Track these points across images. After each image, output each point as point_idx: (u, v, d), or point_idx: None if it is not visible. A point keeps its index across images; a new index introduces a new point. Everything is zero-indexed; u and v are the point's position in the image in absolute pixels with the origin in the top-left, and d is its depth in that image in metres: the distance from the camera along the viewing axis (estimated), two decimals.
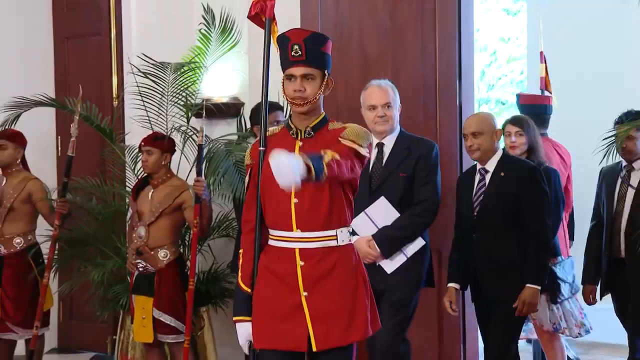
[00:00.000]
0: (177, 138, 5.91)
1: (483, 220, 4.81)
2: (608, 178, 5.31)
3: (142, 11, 6.74)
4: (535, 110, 6.72)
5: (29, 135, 6.30)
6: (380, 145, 4.92)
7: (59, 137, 7.71)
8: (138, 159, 5.94)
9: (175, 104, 6.12)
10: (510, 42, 12.76)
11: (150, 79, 6.05)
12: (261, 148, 3.64)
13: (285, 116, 5.16)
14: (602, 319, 6.64)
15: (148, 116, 6.08)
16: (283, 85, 3.69)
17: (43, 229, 6.17)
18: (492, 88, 12.84)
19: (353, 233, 4.31)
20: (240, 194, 5.21)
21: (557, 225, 5.39)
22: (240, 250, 3.76)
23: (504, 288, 4.75)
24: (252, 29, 6.15)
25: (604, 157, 4.90)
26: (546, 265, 4.88)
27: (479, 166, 4.89)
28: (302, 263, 3.60)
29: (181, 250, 5.64)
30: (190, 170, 5.96)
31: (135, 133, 6.33)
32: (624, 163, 5.20)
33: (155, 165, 5.42)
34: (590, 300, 5.38)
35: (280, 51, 3.68)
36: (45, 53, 7.86)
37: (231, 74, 6.12)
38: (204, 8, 6.06)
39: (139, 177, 5.87)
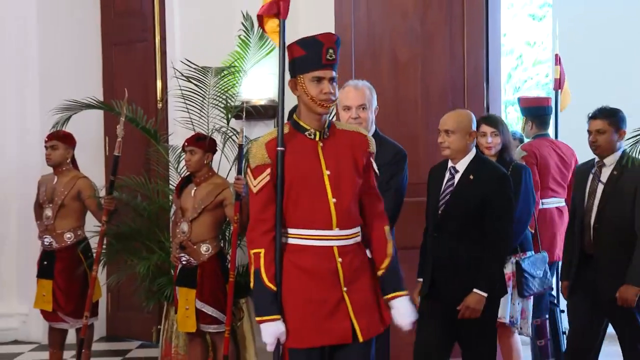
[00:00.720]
0: (217, 138, 5.88)
1: (445, 220, 4.57)
2: (580, 175, 5.13)
3: (184, 19, 6.72)
4: (535, 112, 6.74)
5: (79, 136, 6.31)
6: None
7: (107, 137, 7.74)
8: (181, 159, 5.94)
9: (216, 106, 6.11)
10: (535, 46, 12.70)
11: (193, 83, 6.05)
12: (280, 148, 3.53)
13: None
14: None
15: (190, 118, 6.06)
16: (304, 86, 3.56)
17: (92, 225, 6.17)
18: (518, 90, 12.76)
19: None
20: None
21: (526, 223, 5.27)
22: (256, 250, 3.54)
23: (459, 291, 4.51)
24: (289, 35, 6.16)
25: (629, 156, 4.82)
26: (497, 274, 4.63)
27: (450, 164, 4.65)
28: (341, 260, 3.54)
29: (222, 244, 5.61)
30: (230, 169, 5.96)
31: (178, 134, 6.32)
32: (597, 159, 5.01)
33: (197, 164, 5.43)
34: (566, 295, 5.16)
35: (306, 53, 3.56)
36: (94, 59, 7.89)
37: (268, 77, 6.11)
38: (243, 15, 6.05)
39: (182, 176, 5.85)
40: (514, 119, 12.14)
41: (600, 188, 4.88)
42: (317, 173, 3.55)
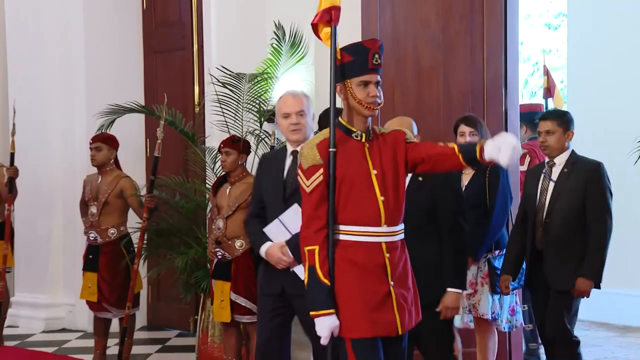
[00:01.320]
0: (251, 140, 5.88)
1: (408, 220, 4.13)
2: (531, 176, 4.99)
3: (220, 28, 6.72)
4: (529, 118, 6.89)
5: (121, 138, 6.35)
6: (295, 153, 4.38)
7: (147, 139, 7.79)
8: (217, 159, 5.95)
9: (250, 110, 6.12)
10: (551, 54, 12.65)
11: (228, 88, 6.07)
12: (332, 149, 3.47)
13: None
14: (636, 303, 6.53)
15: (226, 121, 6.08)
16: (351, 90, 3.51)
17: (134, 222, 6.21)
18: (535, 95, 12.72)
19: (266, 240, 4.36)
20: None
21: (503, 222, 5.16)
22: (311, 248, 3.46)
23: (429, 291, 4.19)
24: (318, 42, 6.17)
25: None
26: (465, 269, 4.49)
27: None
28: (388, 255, 3.50)
29: None
30: None
31: (214, 136, 6.34)
32: (547, 159, 4.89)
33: (232, 164, 5.44)
34: (503, 290, 4.95)
35: (353, 58, 3.51)
36: (137, 66, 7.98)
37: (299, 83, 6.11)
38: (275, 25, 6.05)
39: (218, 175, 5.88)
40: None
41: (551, 186, 4.80)
42: (365, 173, 3.50)
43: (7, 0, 8.21)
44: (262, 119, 6.12)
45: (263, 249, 4.37)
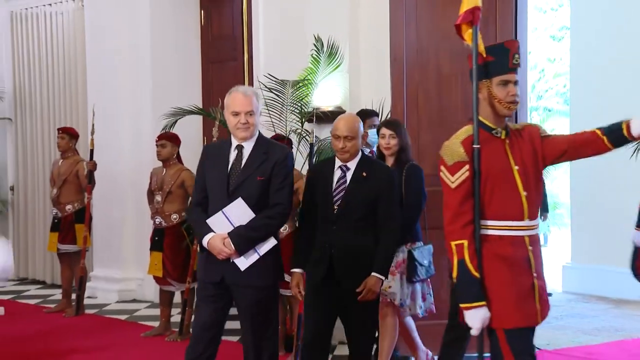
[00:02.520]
0: (293, 138, 5.84)
1: (344, 214, 3.93)
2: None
3: (267, 41, 6.67)
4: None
5: (183, 136, 6.37)
6: (239, 148, 3.97)
7: (205, 137, 7.74)
8: None
9: (293, 112, 6.07)
10: (555, 62, 12.55)
11: (274, 93, 6.03)
12: (476, 146, 3.14)
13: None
14: (630, 279, 6.40)
15: (272, 121, 6.03)
16: (491, 89, 3.21)
17: None
18: (541, 98, 12.66)
19: (208, 230, 3.89)
20: None
21: (417, 216, 4.83)
22: (459, 242, 3.13)
23: (359, 278, 3.95)
24: (352, 53, 6.11)
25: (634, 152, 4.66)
26: (392, 259, 4.20)
27: (339, 163, 4.05)
28: (531, 248, 3.19)
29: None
30: (304, 163, 5.90)
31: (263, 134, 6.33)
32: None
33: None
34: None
35: (494, 59, 3.21)
36: (195, 74, 7.98)
37: (335, 88, 6.05)
38: (315, 37, 5.99)
39: None
40: (537, 121, 11.99)
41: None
42: (508, 169, 3.17)
43: (87, 22, 8.25)
44: (303, 120, 6.05)
45: (206, 239, 3.91)
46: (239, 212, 3.84)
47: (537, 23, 12.09)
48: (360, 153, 4.12)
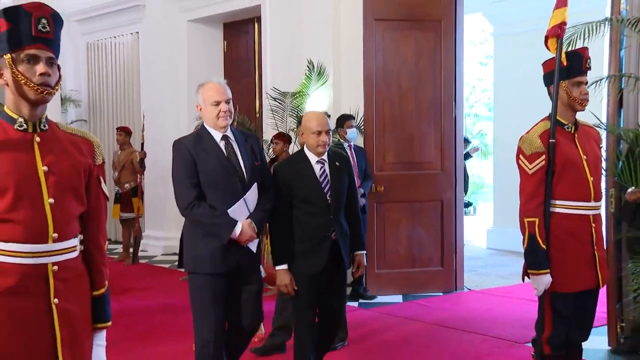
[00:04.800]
0: (292, 135, 5.74)
1: (336, 202, 3.12)
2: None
3: (273, 63, 6.55)
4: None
5: None
6: (226, 138, 2.95)
7: None
8: (270, 147, 5.86)
9: (291, 116, 5.96)
10: (482, 81, 12.61)
11: (277, 101, 5.93)
12: (552, 140, 2.80)
13: None
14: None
15: (276, 123, 5.94)
16: (567, 89, 2.84)
17: None
18: (472, 107, 12.67)
19: (233, 220, 2.87)
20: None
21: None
22: (531, 219, 2.79)
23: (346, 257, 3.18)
24: (335, 71, 6.03)
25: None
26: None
27: (315, 157, 3.13)
28: (594, 225, 2.86)
29: None
30: None
31: (269, 133, 6.14)
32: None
33: (280, 151, 5.31)
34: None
35: (569, 63, 2.84)
36: None
37: (323, 98, 5.96)
38: (308, 61, 5.88)
39: (271, 158, 5.77)
40: (468, 124, 12.02)
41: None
42: (577, 158, 2.84)
43: (141, 49, 8.16)
44: (299, 121, 5.98)
45: (238, 228, 2.84)
46: (253, 198, 2.95)
47: (469, 52, 12.09)
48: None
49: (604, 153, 3.42)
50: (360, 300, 5.42)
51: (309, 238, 3.09)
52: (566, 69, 2.83)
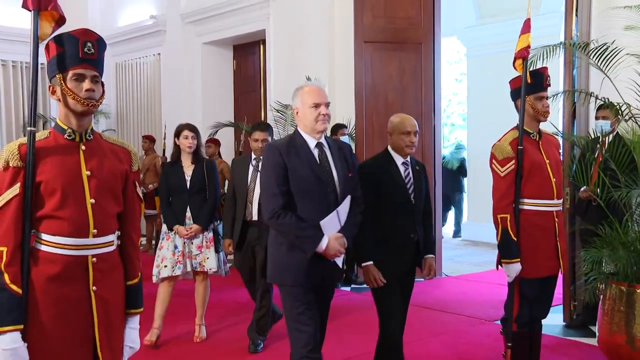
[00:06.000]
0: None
1: (418, 205, 2.86)
2: (239, 167, 3.75)
3: (276, 79, 6.53)
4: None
5: (222, 141, 6.37)
6: (320, 145, 2.48)
7: (235, 142, 7.67)
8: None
9: (292, 125, 5.97)
10: (457, 95, 12.59)
11: (280, 113, 5.89)
12: (520, 147, 2.76)
13: None
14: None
15: (279, 131, 5.90)
16: (532, 103, 2.83)
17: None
18: (449, 117, 12.64)
19: (321, 233, 2.38)
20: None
21: (219, 201, 3.86)
22: (503, 215, 2.75)
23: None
24: (330, 87, 5.99)
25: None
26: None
27: (402, 159, 2.84)
28: (557, 220, 2.84)
29: None
30: None
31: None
32: (254, 156, 3.70)
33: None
34: (228, 250, 3.69)
35: (533, 80, 2.83)
36: (230, 100, 7.78)
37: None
38: (306, 77, 5.84)
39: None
40: (445, 133, 11.99)
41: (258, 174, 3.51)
42: (542, 162, 2.84)
43: (162, 68, 8.17)
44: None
45: (324, 242, 2.36)
46: (345, 210, 2.46)
47: (446, 70, 12.08)
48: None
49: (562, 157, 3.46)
50: (352, 286, 5.40)
51: (393, 238, 2.74)
52: (530, 86, 2.84)
